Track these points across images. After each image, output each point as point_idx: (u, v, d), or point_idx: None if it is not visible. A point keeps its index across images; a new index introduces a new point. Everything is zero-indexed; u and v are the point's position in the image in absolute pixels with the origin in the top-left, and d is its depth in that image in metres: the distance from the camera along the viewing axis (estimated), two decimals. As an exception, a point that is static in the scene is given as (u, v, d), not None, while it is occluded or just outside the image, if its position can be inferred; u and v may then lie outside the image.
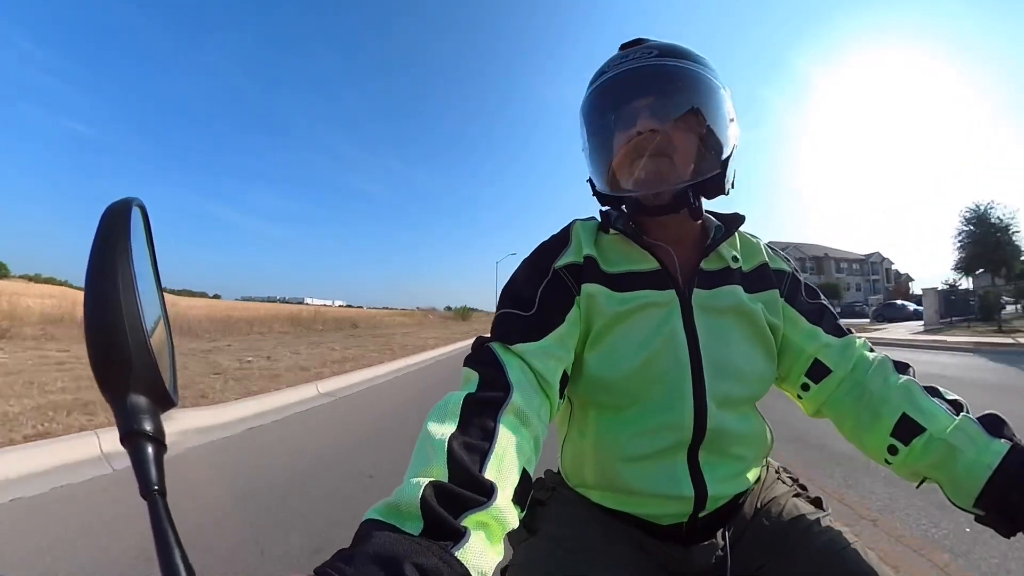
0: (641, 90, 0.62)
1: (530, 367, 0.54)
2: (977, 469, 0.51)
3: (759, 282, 0.68)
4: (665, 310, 0.62)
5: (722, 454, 0.62)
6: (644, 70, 0.62)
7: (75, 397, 4.11)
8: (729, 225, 0.68)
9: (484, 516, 0.36)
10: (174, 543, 0.26)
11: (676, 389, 0.60)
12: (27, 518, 2.18)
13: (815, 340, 0.66)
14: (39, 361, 6.22)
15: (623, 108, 0.63)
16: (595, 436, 0.64)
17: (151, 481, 0.28)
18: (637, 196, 0.63)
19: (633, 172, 0.62)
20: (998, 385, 5.91)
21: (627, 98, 0.63)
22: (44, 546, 1.90)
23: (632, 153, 0.61)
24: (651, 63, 0.62)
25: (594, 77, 0.67)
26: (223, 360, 7.65)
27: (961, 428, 0.54)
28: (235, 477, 2.82)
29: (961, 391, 0.60)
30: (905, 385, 0.60)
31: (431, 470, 0.38)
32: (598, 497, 0.66)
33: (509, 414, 0.46)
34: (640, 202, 0.64)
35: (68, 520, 2.15)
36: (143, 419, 0.29)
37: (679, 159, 0.61)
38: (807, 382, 0.66)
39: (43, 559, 1.81)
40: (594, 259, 0.65)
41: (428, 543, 0.32)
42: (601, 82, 0.65)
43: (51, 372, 5.38)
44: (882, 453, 0.59)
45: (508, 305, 0.61)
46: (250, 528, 2.10)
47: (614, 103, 0.65)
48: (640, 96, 0.62)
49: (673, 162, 0.60)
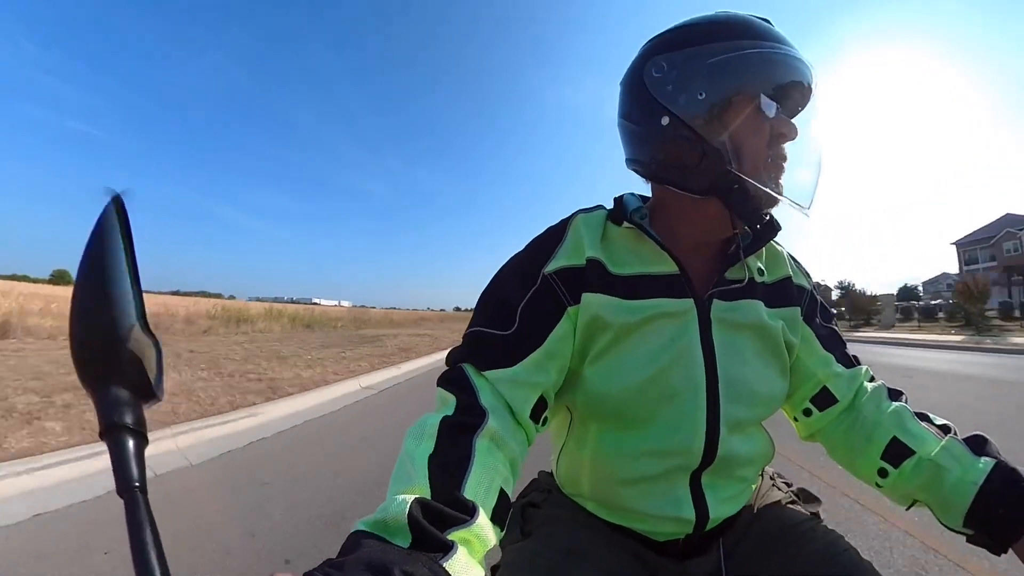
0: (808, 91, 0.56)
1: (502, 395, 0.51)
2: (963, 487, 0.52)
3: (780, 297, 0.63)
4: (681, 322, 0.57)
5: (727, 477, 0.60)
6: (809, 72, 0.55)
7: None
8: (762, 234, 0.59)
9: (467, 533, 0.36)
10: (151, 543, 0.25)
11: (687, 411, 0.55)
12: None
13: (827, 367, 0.64)
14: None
15: (793, 98, 0.55)
16: (594, 451, 0.61)
17: (131, 477, 0.27)
18: (762, 197, 0.54)
19: (767, 166, 0.54)
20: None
21: (803, 95, 0.55)
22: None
23: (776, 151, 0.54)
24: (811, 68, 0.55)
25: (759, 33, 0.53)
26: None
27: (947, 448, 0.55)
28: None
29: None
30: (896, 411, 0.61)
31: (414, 488, 0.39)
32: (593, 508, 0.64)
33: (485, 438, 0.45)
34: (759, 204, 0.55)
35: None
36: (124, 412, 0.28)
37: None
38: (811, 408, 0.65)
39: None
40: (599, 262, 0.57)
41: (417, 554, 0.32)
42: (783, 51, 0.53)
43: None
44: (873, 476, 0.60)
45: (484, 320, 0.55)
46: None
47: (792, 88, 0.54)
48: (805, 100, 0.56)
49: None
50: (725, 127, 0.52)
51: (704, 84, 0.53)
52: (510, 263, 0.61)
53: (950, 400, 4.86)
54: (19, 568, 1.75)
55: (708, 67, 0.52)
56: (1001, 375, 6.78)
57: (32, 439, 2.87)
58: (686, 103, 0.53)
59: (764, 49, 0.52)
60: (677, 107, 0.54)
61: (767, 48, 0.53)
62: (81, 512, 2.22)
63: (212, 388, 4.72)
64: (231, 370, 5.93)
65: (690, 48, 0.54)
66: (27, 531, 2.03)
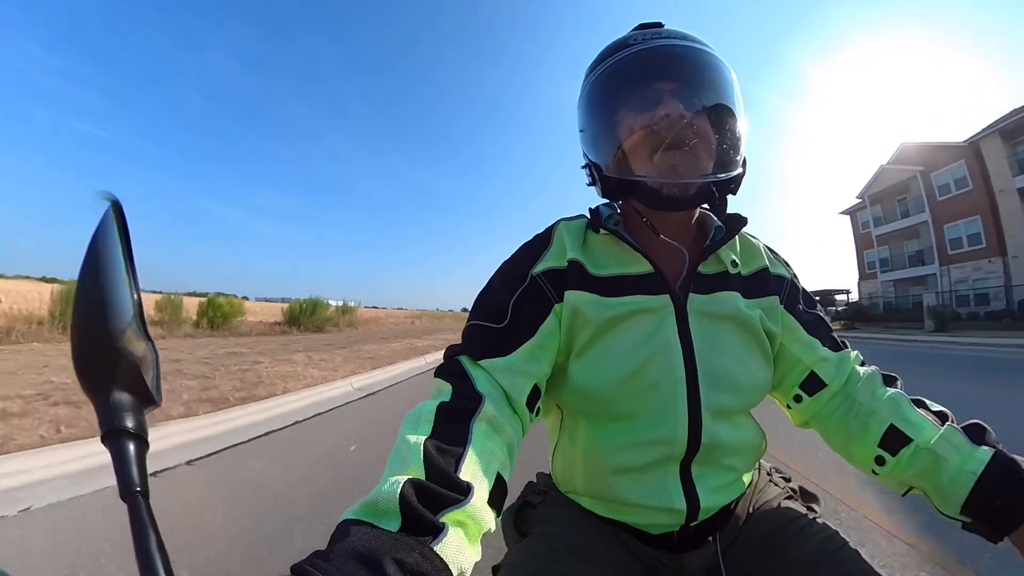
0: (674, 72, 0.57)
1: (497, 383, 0.53)
2: (962, 477, 0.52)
3: (758, 288, 0.65)
4: (658, 316, 0.59)
5: (716, 465, 0.61)
6: (679, 50, 0.57)
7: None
8: (731, 227, 0.63)
9: (461, 514, 0.36)
10: (155, 547, 0.25)
11: (669, 401, 0.57)
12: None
13: (813, 352, 0.65)
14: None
15: (650, 87, 0.57)
16: (585, 445, 0.63)
17: (133, 481, 0.27)
18: (657, 186, 0.57)
19: (653, 159, 0.56)
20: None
21: (657, 77, 0.57)
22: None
23: (652, 138, 0.56)
24: (686, 44, 0.58)
25: (611, 49, 0.60)
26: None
27: (945, 437, 0.55)
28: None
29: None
30: (892, 397, 0.61)
31: (408, 470, 0.39)
32: (588, 504, 0.65)
33: (482, 422, 0.46)
34: (659, 194, 0.57)
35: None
36: (126, 417, 0.29)
37: (703, 152, 0.56)
38: (800, 394, 0.66)
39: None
40: (580, 263, 0.61)
41: (406, 539, 0.32)
42: (627, 54, 0.58)
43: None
44: (869, 464, 0.60)
45: (479, 316, 0.59)
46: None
47: (641, 79, 0.58)
48: (671, 77, 0.57)
49: (697, 154, 0.56)
50: (606, 145, 0.62)
51: (581, 121, 0.66)
52: (502, 267, 0.65)
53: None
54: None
55: (579, 108, 0.66)
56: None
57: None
58: (581, 138, 0.67)
59: (602, 68, 0.61)
60: (581, 137, 0.67)
61: (605, 66, 0.61)
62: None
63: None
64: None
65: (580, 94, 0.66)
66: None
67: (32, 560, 1.62)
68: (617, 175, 0.60)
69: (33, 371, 4.43)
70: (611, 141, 0.60)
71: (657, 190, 0.57)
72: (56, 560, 1.62)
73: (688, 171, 0.56)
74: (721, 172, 0.58)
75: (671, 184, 0.56)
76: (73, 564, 1.58)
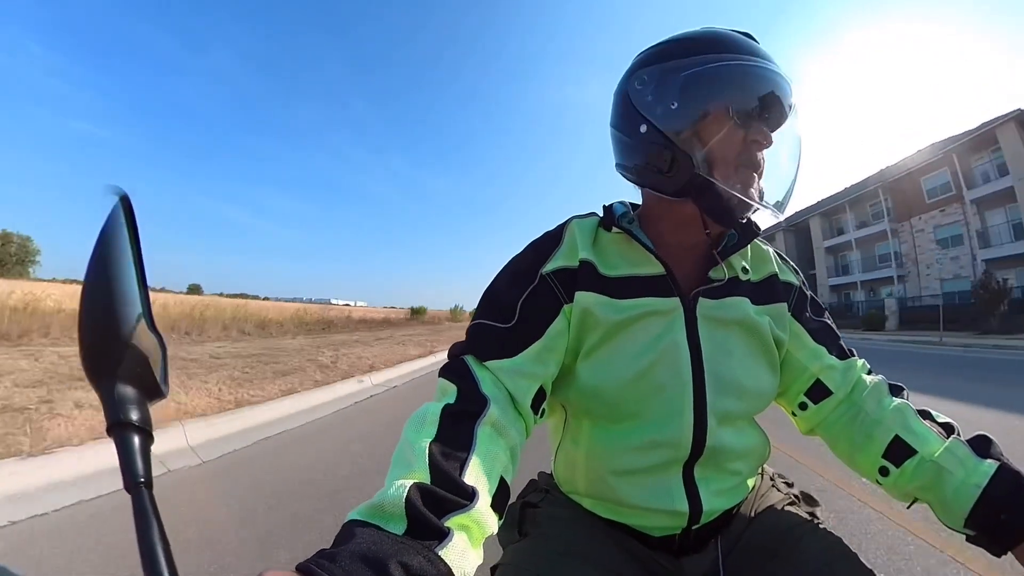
0: (783, 102, 0.57)
1: (503, 385, 0.52)
2: (966, 490, 0.52)
3: (767, 294, 0.65)
4: (667, 319, 0.59)
5: (719, 469, 0.61)
6: (787, 86, 0.57)
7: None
8: (744, 234, 0.63)
9: (466, 519, 0.36)
10: (158, 539, 0.25)
11: (675, 404, 0.57)
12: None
13: (819, 360, 0.65)
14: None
15: (779, 106, 0.57)
16: (588, 446, 0.62)
17: (137, 473, 0.27)
18: (733, 201, 0.56)
19: (740, 175, 0.55)
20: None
21: (774, 104, 0.57)
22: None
23: (748, 154, 0.55)
24: (789, 81, 0.58)
25: (738, 47, 0.56)
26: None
27: (950, 450, 0.55)
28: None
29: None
30: (899, 408, 0.60)
31: (413, 474, 0.39)
32: (590, 505, 0.65)
33: (486, 425, 0.46)
34: (728, 205, 0.56)
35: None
36: (131, 409, 0.29)
37: (760, 183, 0.58)
38: (806, 401, 0.65)
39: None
40: (591, 263, 0.61)
41: (412, 543, 0.32)
42: (761, 65, 0.56)
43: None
44: (874, 474, 0.60)
45: (485, 315, 0.58)
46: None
47: (766, 98, 0.56)
48: (781, 106, 0.57)
49: (761, 184, 0.58)
50: (696, 134, 0.56)
51: (677, 95, 0.56)
52: (511, 264, 0.64)
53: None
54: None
55: (682, 79, 0.56)
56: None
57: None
58: (661, 112, 0.57)
59: (736, 62, 0.55)
60: (654, 116, 0.57)
61: (739, 60, 0.55)
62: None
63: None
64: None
65: (669, 62, 0.58)
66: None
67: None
68: (713, 177, 0.55)
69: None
70: (708, 133, 0.55)
71: (727, 200, 0.56)
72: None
73: (753, 196, 0.56)
74: (779, 210, 0.59)
75: (743, 202, 0.56)
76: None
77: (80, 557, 1.73)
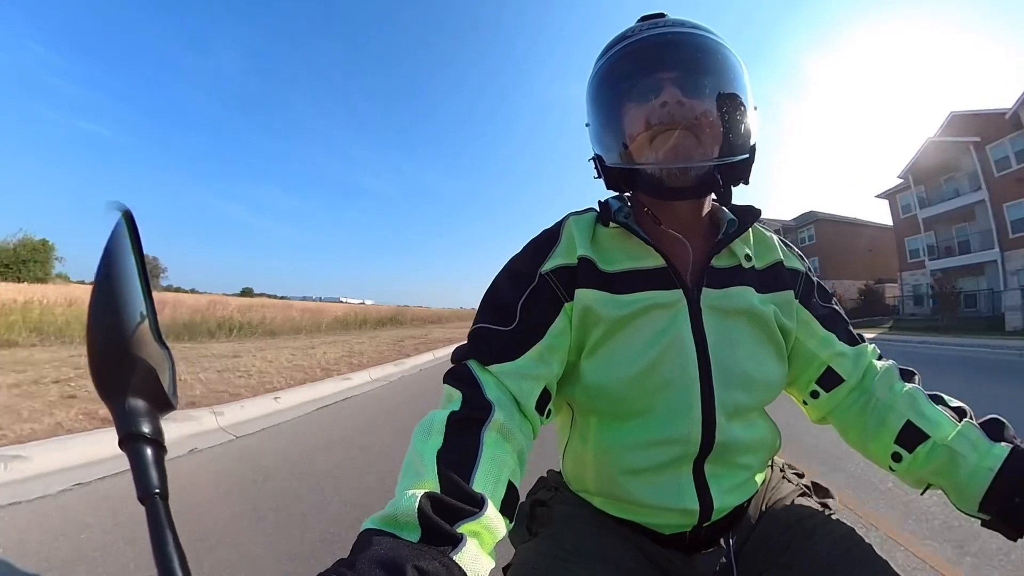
0: (671, 60, 0.56)
1: (507, 388, 0.52)
2: (979, 474, 0.51)
3: (773, 282, 0.64)
4: (671, 312, 0.58)
5: (730, 465, 0.60)
6: (677, 38, 0.57)
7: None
8: (744, 219, 0.62)
9: (476, 525, 0.37)
10: (173, 549, 0.26)
11: (682, 400, 0.56)
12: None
13: (829, 347, 0.63)
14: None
15: (649, 77, 0.56)
16: (596, 444, 0.61)
17: (151, 484, 0.27)
18: (659, 174, 0.56)
19: (655, 147, 0.55)
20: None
21: (654, 66, 0.56)
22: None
23: (655, 127, 0.55)
24: (684, 32, 0.57)
25: (612, 43, 0.60)
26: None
27: (963, 434, 0.54)
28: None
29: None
30: (910, 393, 0.60)
31: (423, 483, 0.39)
32: (600, 503, 0.64)
33: (492, 430, 0.46)
34: (661, 182, 0.57)
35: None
36: (142, 422, 0.29)
37: (706, 138, 0.55)
38: (817, 390, 0.64)
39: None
40: (590, 260, 0.60)
41: (427, 548, 0.33)
42: (624, 46, 0.58)
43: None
44: (886, 460, 0.59)
45: (486, 318, 0.57)
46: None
47: (639, 71, 0.57)
48: (669, 66, 0.56)
49: (700, 140, 0.55)
50: (609, 136, 0.61)
51: (587, 113, 0.65)
52: (509, 265, 0.63)
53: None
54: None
55: (586, 99, 0.65)
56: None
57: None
58: (587, 128, 0.66)
59: (603, 61, 0.61)
60: (588, 131, 0.66)
61: (605, 59, 0.61)
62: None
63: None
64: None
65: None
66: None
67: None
68: (622, 164, 0.59)
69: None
70: (615, 133, 0.60)
71: (660, 178, 0.56)
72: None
73: (688, 156, 0.54)
74: (726, 158, 0.56)
75: (673, 170, 0.55)
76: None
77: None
